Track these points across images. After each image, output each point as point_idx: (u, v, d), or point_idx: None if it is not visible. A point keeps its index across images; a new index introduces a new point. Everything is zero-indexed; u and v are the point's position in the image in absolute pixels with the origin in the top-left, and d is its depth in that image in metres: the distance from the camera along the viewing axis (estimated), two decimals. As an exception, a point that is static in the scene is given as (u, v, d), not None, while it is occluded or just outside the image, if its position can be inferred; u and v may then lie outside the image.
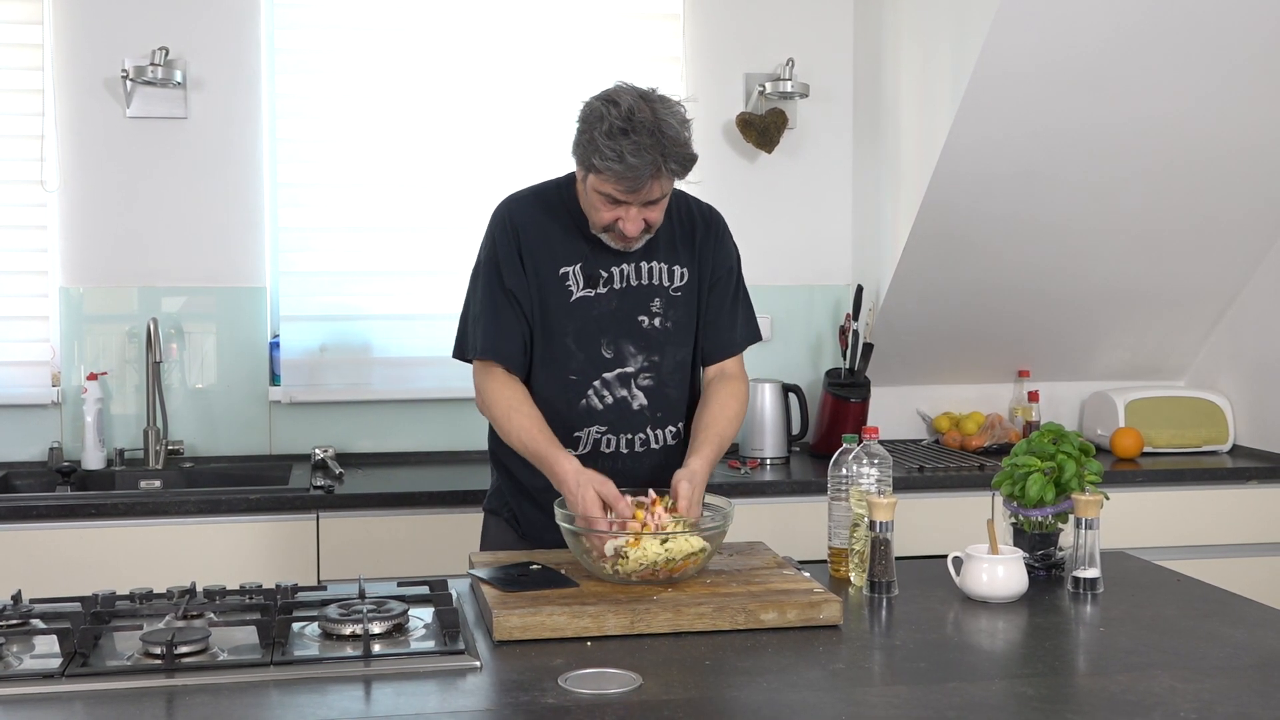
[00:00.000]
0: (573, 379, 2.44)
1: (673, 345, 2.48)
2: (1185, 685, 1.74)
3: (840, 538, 2.37)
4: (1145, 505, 3.71)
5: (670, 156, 2.25)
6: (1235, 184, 3.69)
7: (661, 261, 2.47)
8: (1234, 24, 3.24)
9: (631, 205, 2.31)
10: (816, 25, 4.06)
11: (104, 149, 3.71)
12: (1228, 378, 4.15)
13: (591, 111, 2.32)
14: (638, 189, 2.27)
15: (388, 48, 3.82)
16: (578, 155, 2.35)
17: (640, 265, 2.45)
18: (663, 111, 2.28)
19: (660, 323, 2.46)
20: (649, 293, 2.46)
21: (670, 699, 1.70)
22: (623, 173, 2.23)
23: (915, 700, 1.70)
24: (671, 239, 2.49)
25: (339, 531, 3.29)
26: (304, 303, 3.82)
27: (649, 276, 2.46)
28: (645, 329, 2.46)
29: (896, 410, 4.20)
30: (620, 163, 2.22)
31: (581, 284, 2.44)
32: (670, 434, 2.51)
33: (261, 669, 1.81)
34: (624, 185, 2.26)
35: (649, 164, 2.23)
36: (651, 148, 2.23)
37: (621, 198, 2.29)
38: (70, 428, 3.71)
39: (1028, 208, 3.63)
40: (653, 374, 2.47)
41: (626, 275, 2.45)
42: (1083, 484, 2.34)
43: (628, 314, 2.45)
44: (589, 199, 2.35)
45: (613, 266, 2.44)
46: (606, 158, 2.23)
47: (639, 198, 2.29)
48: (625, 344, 2.45)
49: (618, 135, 2.23)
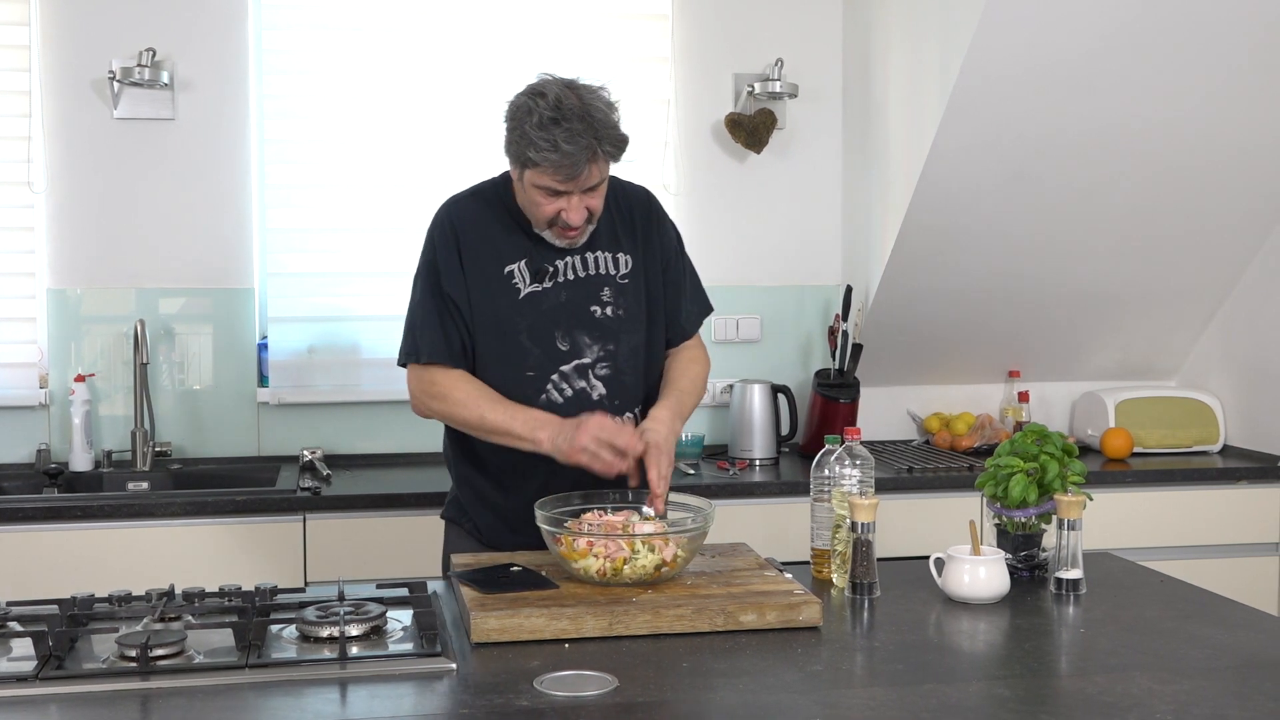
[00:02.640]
0: (530, 375, 2.44)
1: (626, 333, 2.49)
2: (1163, 687, 1.74)
3: (823, 539, 2.36)
4: (1135, 506, 3.71)
5: (604, 139, 2.28)
6: (1225, 184, 3.69)
7: (605, 251, 2.49)
8: (1222, 24, 3.24)
9: (572, 194, 2.32)
10: (805, 25, 4.06)
11: (91, 150, 3.70)
12: (1218, 378, 4.15)
13: (519, 107, 2.34)
14: (576, 176, 2.28)
15: (375, 49, 3.82)
16: (511, 153, 2.36)
17: (585, 256, 2.47)
18: (589, 97, 2.31)
19: (612, 311, 2.47)
20: (598, 283, 2.47)
21: (646, 701, 1.70)
22: (559, 161, 2.25)
23: (891, 702, 1.69)
24: (612, 227, 2.51)
25: (325, 533, 3.28)
26: (292, 304, 3.81)
27: (595, 266, 2.47)
28: (598, 319, 2.46)
29: (887, 411, 4.19)
30: (556, 151, 2.24)
31: (529, 279, 2.44)
32: (628, 420, 2.51)
33: (236, 671, 1.80)
34: (562, 174, 2.27)
35: (584, 149, 2.25)
36: (584, 133, 2.25)
37: (561, 187, 2.30)
38: (58, 429, 3.70)
39: (1016, 208, 3.63)
40: (609, 363, 2.47)
41: (573, 267, 2.46)
42: (1065, 485, 2.33)
43: (579, 305, 2.45)
44: (528, 196, 2.36)
45: (557, 260, 2.45)
46: (541, 149, 2.25)
47: (578, 185, 2.31)
48: (580, 335, 2.45)
49: (549, 125, 2.25)
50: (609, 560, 2.11)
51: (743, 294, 4.07)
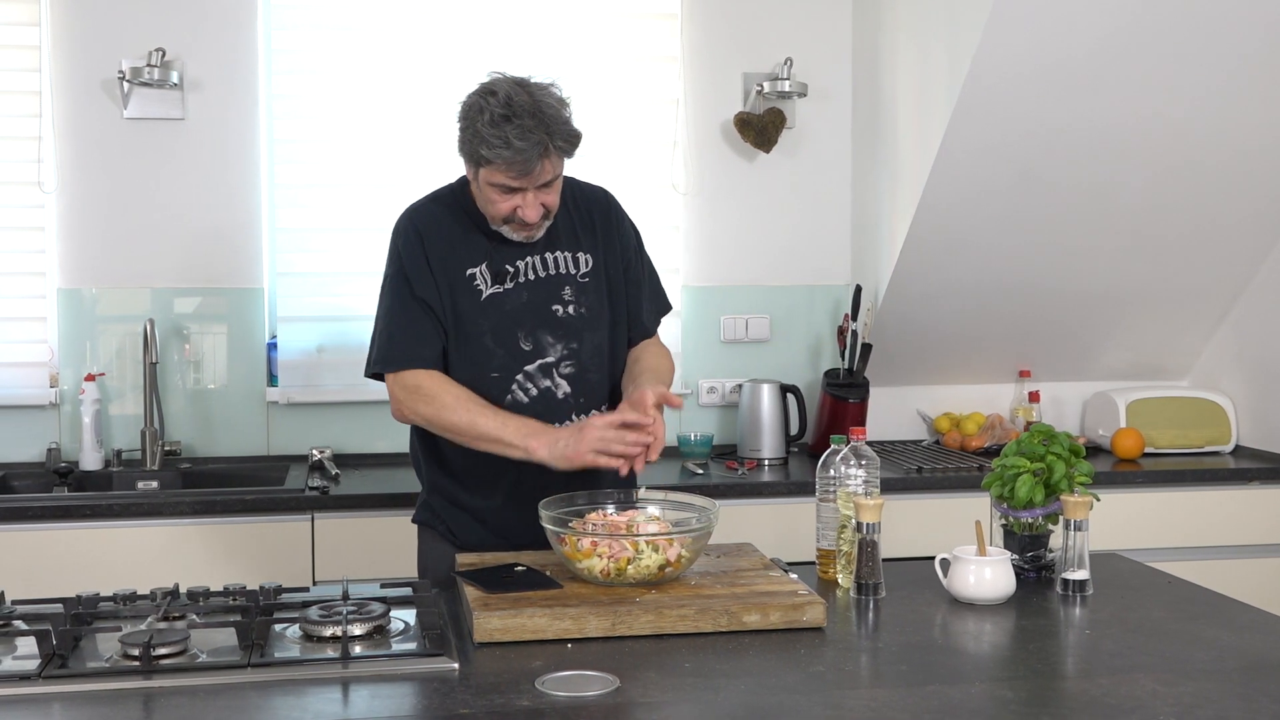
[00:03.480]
0: (495, 376, 2.44)
1: (589, 331, 2.50)
2: (1167, 689, 1.73)
3: (828, 539, 2.35)
4: (1147, 506, 3.69)
5: (556, 135, 2.29)
6: (1237, 182, 3.66)
7: (565, 250, 2.50)
8: (1232, 21, 3.22)
9: (527, 191, 2.33)
10: (815, 24, 4.05)
11: (101, 150, 3.71)
12: (1231, 378, 4.13)
13: (470, 106, 2.36)
14: (529, 172, 2.30)
15: (385, 48, 3.82)
16: (465, 152, 2.38)
17: (545, 256, 2.47)
18: (539, 94, 2.32)
19: (575, 309, 2.48)
20: (558, 282, 2.48)
21: (646, 701, 1.70)
22: (512, 158, 2.27)
23: (893, 703, 1.68)
24: (571, 226, 2.52)
25: (334, 532, 3.29)
26: (301, 303, 3.82)
27: (555, 266, 2.48)
28: (560, 317, 2.47)
29: (897, 411, 4.18)
30: (508, 148, 2.26)
31: (490, 281, 2.45)
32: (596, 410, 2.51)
33: (239, 671, 1.80)
34: (515, 170, 2.29)
35: (536, 145, 2.27)
36: (535, 129, 2.27)
37: (515, 184, 2.31)
38: (68, 428, 3.71)
39: (1026, 206, 3.62)
40: (573, 361, 2.48)
41: (533, 267, 2.47)
42: (1072, 485, 2.32)
43: (540, 305, 2.46)
44: (483, 194, 2.37)
45: (517, 260, 2.46)
46: (494, 146, 2.27)
47: (532, 181, 2.32)
48: (543, 334, 2.46)
49: (500, 122, 2.27)
50: (613, 560, 2.10)
51: (752, 294, 4.06)
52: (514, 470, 2.39)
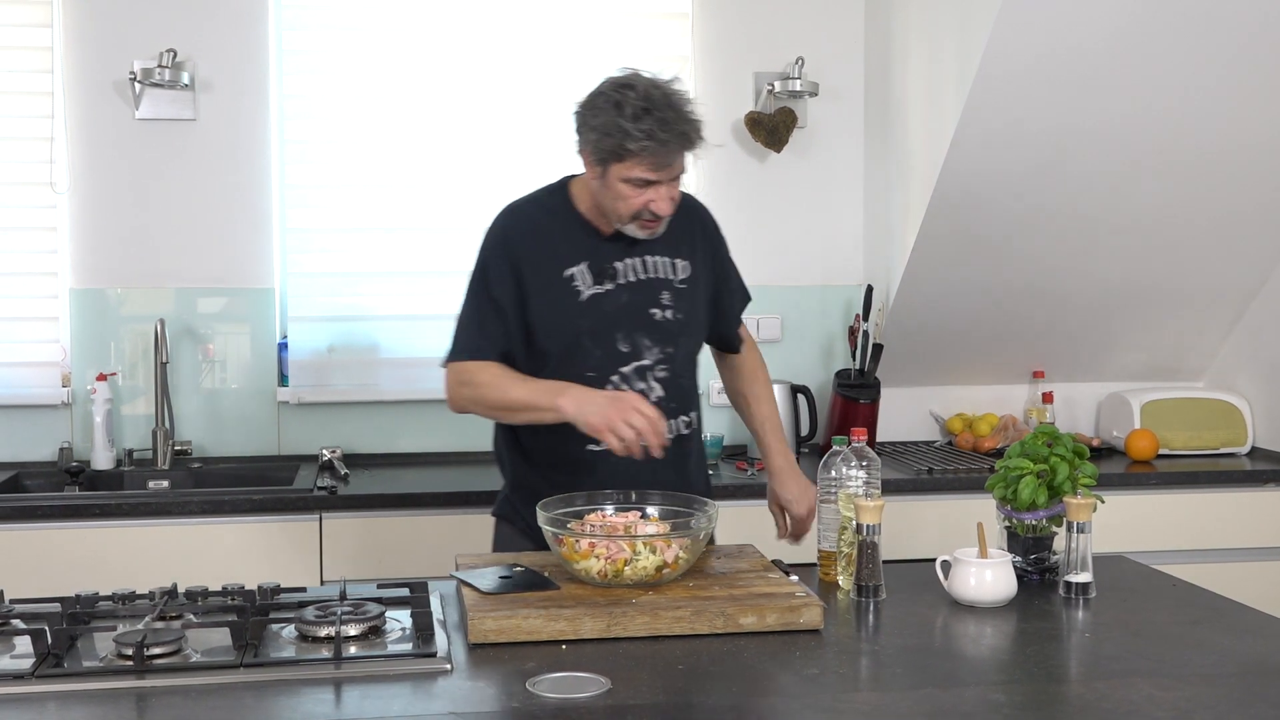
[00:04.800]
0: (590, 376, 2.44)
1: (685, 336, 2.53)
2: (1164, 693, 1.71)
3: (829, 541, 2.34)
4: (1160, 508, 3.66)
5: (693, 128, 2.33)
6: (1253, 179, 3.62)
7: (663, 255, 2.51)
8: (1246, 14, 3.18)
9: (661, 184, 2.35)
10: (826, 23, 4.03)
11: (113, 151, 3.73)
12: (1247, 379, 4.09)
13: (603, 101, 2.35)
14: (669, 164, 2.32)
15: (395, 49, 3.83)
16: (596, 148, 2.35)
17: (645, 259, 2.49)
18: (672, 88, 2.36)
19: (672, 314, 2.49)
20: (657, 285, 2.49)
21: (637, 703, 1.69)
22: (655, 149, 2.28)
23: (884, 707, 1.67)
24: (670, 229, 2.50)
25: (342, 532, 3.29)
26: (312, 303, 3.83)
27: (654, 269, 2.50)
28: (658, 321, 2.48)
29: (909, 411, 4.16)
30: (652, 140, 2.28)
31: (590, 281, 2.45)
32: (684, 423, 2.53)
33: (231, 671, 1.80)
34: (656, 162, 2.31)
35: (678, 136, 2.30)
36: (676, 121, 2.30)
37: (653, 176, 2.33)
38: (80, 428, 3.73)
39: (1038, 205, 3.59)
40: (668, 365, 2.49)
41: (634, 268, 2.48)
42: (1075, 487, 2.30)
43: (639, 307, 2.47)
44: (614, 190, 2.36)
45: (617, 261, 2.47)
46: (637, 139, 2.28)
47: (670, 174, 2.34)
48: (640, 337, 2.47)
49: (643, 115, 2.28)
50: (610, 562, 2.10)
51: (763, 294, 4.00)
52: (602, 465, 2.40)
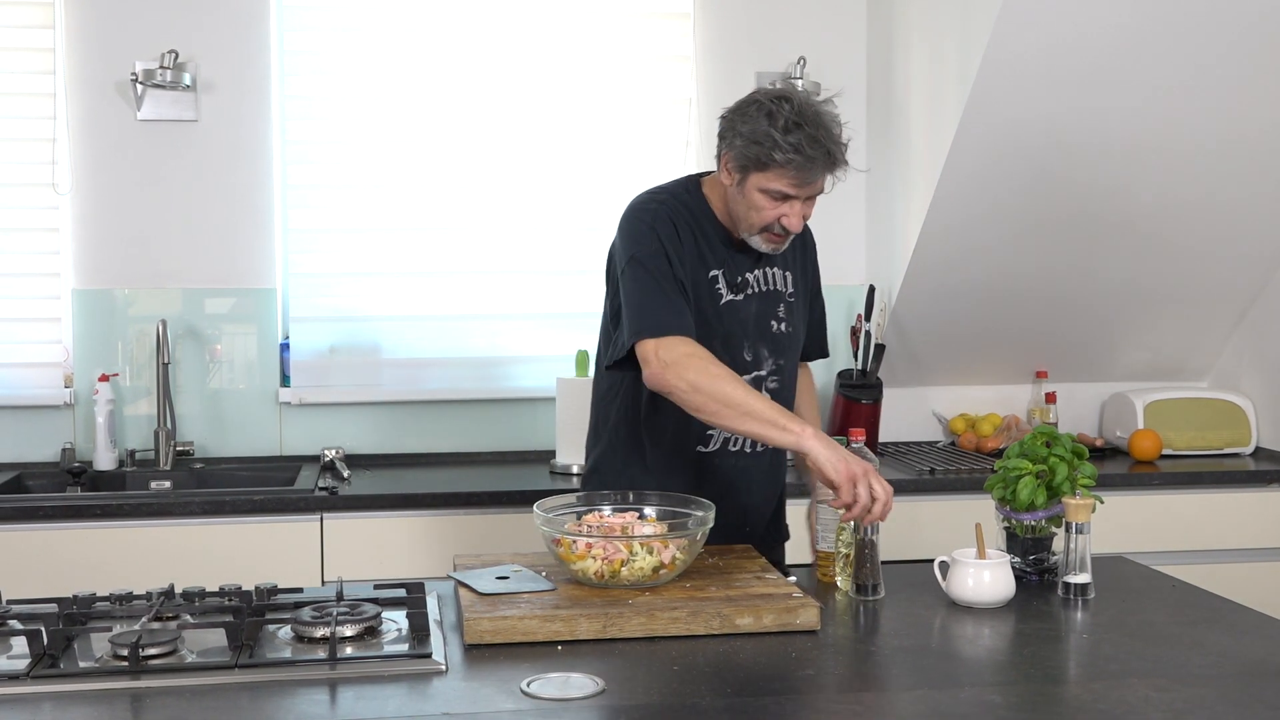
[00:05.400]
0: None
1: (792, 349, 2.55)
2: (1160, 694, 1.70)
3: (827, 541, 2.34)
4: (1163, 509, 3.65)
5: (839, 150, 2.32)
6: (1257, 177, 3.61)
7: (779, 269, 2.53)
8: (1248, 14, 3.17)
9: (797, 200, 2.33)
10: (828, 23, 4.02)
11: (115, 152, 3.73)
12: (1251, 378, 4.08)
13: (755, 109, 2.33)
14: (812, 181, 2.32)
15: (397, 49, 3.83)
16: (741, 155, 2.33)
17: (768, 271, 2.50)
18: (825, 108, 2.34)
19: (785, 327, 2.52)
20: (775, 298, 2.51)
21: (631, 704, 1.69)
22: (802, 164, 2.28)
23: (877, 707, 1.67)
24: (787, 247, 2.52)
25: (343, 533, 3.29)
26: (314, 304, 3.83)
27: (774, 282, 2.52)
28: (775, 334, 2.51)
29: (912, 412, 4.15)
30: (799, 154, 2.27)
31: (726, 288, 2.45)
32: None
33: (226, 671, 1.80)
34: (800, 177, 2.30)
35: (825, 154, 2.29)
36: (825, 140, 2.29)
37: (793, 192, 2.32)
38: (82, 428, 3.73)
39: (1040, 204, 3.58)
40: (779, 377, 2.52)
41: (760, 280, 2.49)
42: (1074, 487, 2.30)
43: (763, 318, 2.49)
44: (750, 199, 2.35)
45: (747, 272, 2.47)
46: (786, 151, 2.27)
47: (809, 190, 2.34)
48: (761, 348, 2.49)
49: (794, 129, 2.27)
50: (606, 562, 2.10)
51: (765, 294, 4.03)
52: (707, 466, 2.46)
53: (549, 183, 3.90)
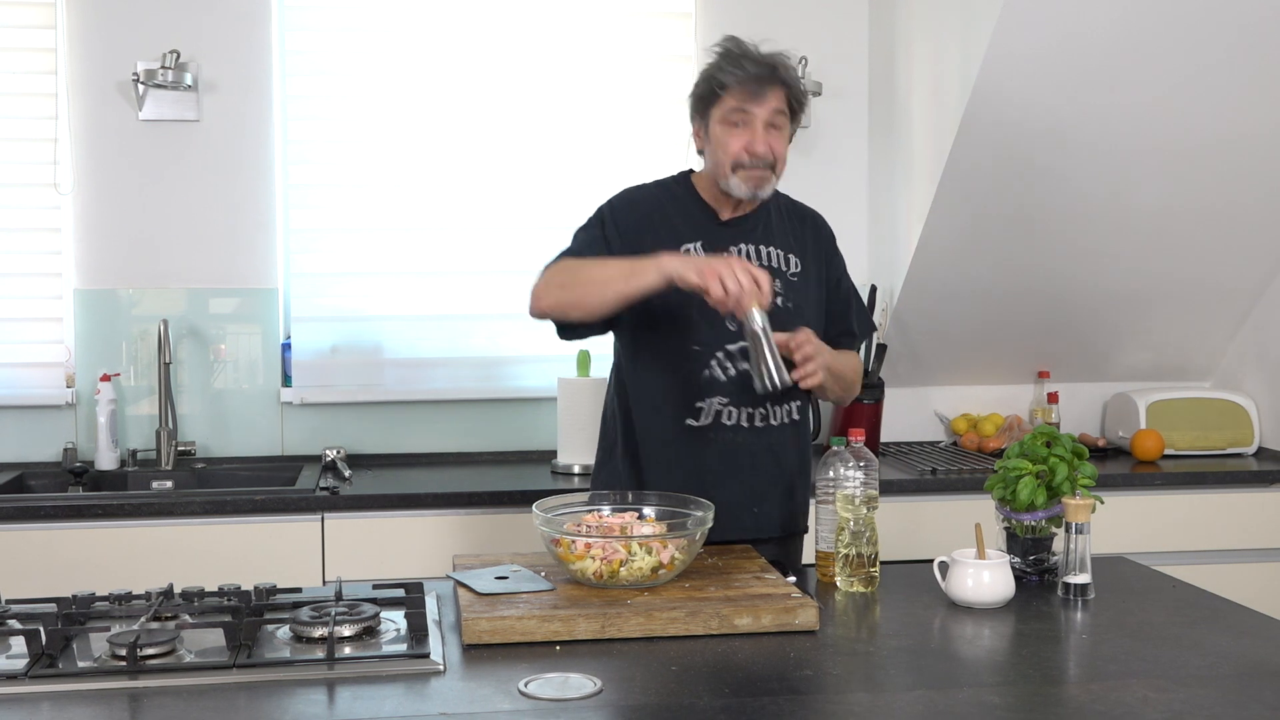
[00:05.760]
0: (696, 349, 2.48)
1: (792, 324, 2.51)
2: (1158, 695, 1.70)
3: (827, 541, 2.33)
4: (1166, 509, 3.64)
5: (784, 69, 2.48)
6: (1259, 176, 3.59)
7: (778, 248, 2.58)
8: (1252, 7, 3.15)
9: (756, 124, 2.44)
10: (831, 23, 4.02)
11: (117, 152, 3.73)
12: (1254, 378, 4.07)
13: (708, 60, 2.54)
14: (762, 94, 2.44)
15: (398, 50, 3.83)
16: (698, 101, 2.52)
17: (760, 248, 2.55)
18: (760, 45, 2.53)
19: (782, 302, 2.51)
20: (769, 274, 2.49)
21: (628, 704, 1.69)
22: (746, 77, 2.44)
23: (875, 708, 1.67)
24: (785, 230, 2.61)
25: (344, 532, 3.29)
26: (315, 304, 3.83)
27: (768, 259, 2.56)
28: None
29: (914, 412, 4.15)
30: (741, 70, 2.44)
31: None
32: (787, 412, 2.55)
33: (224, 671, 1.80)
34: (749, 90, 2.44)
35: (767, 70, 2.45)
36: (766, 59, 2.47)
37: (748, 107, 2.44)
38: (84, 428, 3.74)
39: (1042, 204, 3.57)
40: None
41: (747, 254, 2.53)
42: (1074, 487, 2.29)
43: None
44: (715, 142, 2.48)
45: (732, 246, 2.52)
46: (728, 71, 2.45)
47: (763, 107, 2.44)
48: None
49: (736, 57, 2.47)
50: (605, 563, 2.09)
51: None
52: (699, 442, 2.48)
53: (550, 182, 3.89)
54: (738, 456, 2.49)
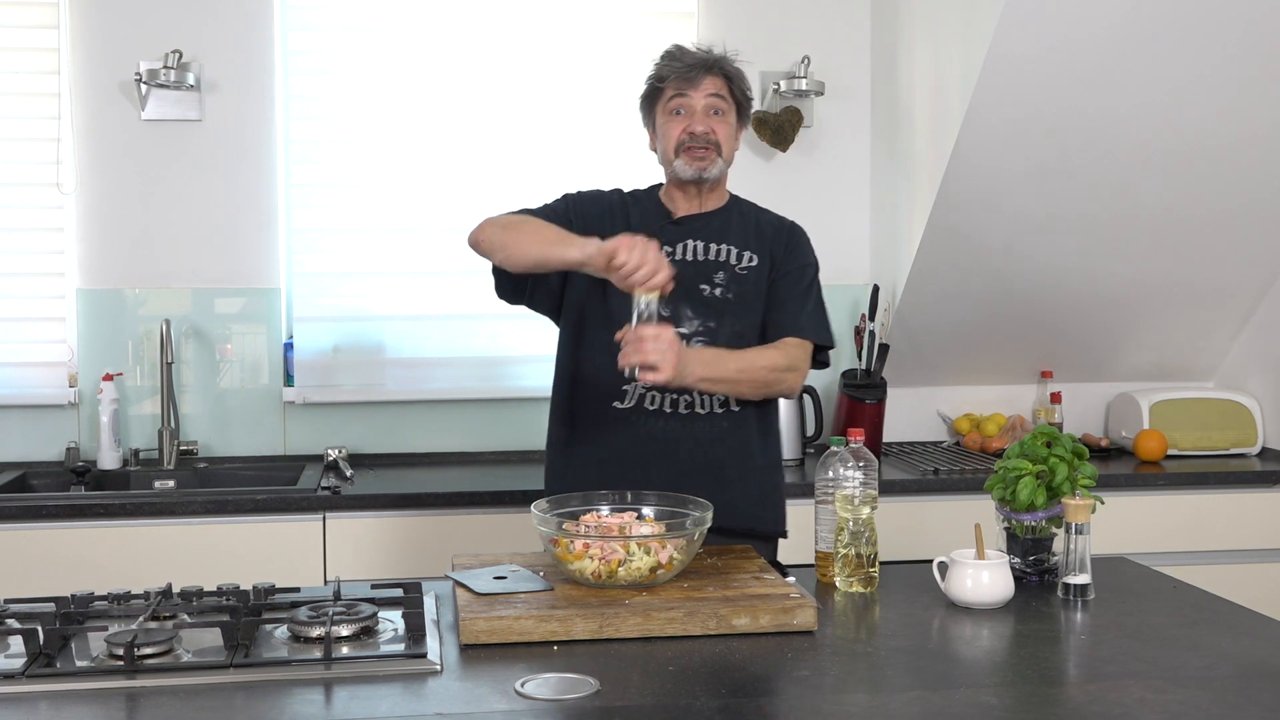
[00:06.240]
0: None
1: (731, 316, 2.56)
2: (1156, 696, 1.69)
3: (826, 542, 2.33)
4: (1169, 509, 3.64)
5: (719, 58, 2.58)
6: (1261, 175, 3.59)
7: (732, 245, 2.61)
8: (1254, 7, 3.14)
9: (696, 106, 2.54)
10: (833, 23, 4.02)
11: (119, 151, 3.74)
12: (1257, 378, 4.06)
13: None
14: (695, 78, 2.54)
15: (401, 49, 3.83)
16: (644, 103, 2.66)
17: (710, 244, 2.60)
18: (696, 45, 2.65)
19: (721, 293, 2.56)
20: (713, 267, 2.58)
21: (625, 705, 1.68)
22: (680, 69, 2.55)
23: (872, 709, 1.66)
24: (745, 232, 2.64)
25: (345, 532, 3.30)
26: (317, 304, 3.83)
27: (715, 255, 2.59)
28: (705, 297, 2.56)
29: (917, 412, 4.15)
30: (678, 60, 2.57)
31: None
32: (718, 403, 2.54)
33: (221, 671, 1.80)
34: (684, 77, 2.54)
35: (701, 59, 2.57)
36: (703, 53, 2.59)
37: (684, 91, 2.55)
38: (87, 428, 3.74)
39: (1045, 203, 3.57)
40: (707, 338, 2.53)
41: (695, 250, 2.58)
42: (1074, 487, 2.29)
43: (690, 283, 2.54)
44: (662, 133, 2.60)
45: (679, 242, 2.58)
46: (665, 66, 2.58)
47: (699, 93, 2.54)
48: (683, 307, 2.53)
49: (673, 54, 2.60)
50: (604, 562, 2.09)
51: (769, 293, 4.03)
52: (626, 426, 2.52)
53: (551, 182, 3.86)
54: (660, 443, 2.50)
